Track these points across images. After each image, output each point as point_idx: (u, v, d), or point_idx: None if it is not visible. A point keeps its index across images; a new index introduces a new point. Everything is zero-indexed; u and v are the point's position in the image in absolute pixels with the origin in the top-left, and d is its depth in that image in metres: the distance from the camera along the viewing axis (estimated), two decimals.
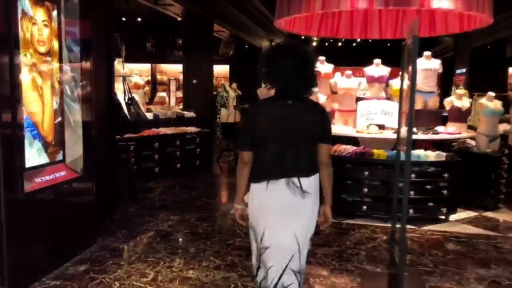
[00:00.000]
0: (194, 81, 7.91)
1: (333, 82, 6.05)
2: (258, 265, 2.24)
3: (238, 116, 8.53)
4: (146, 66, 13.68)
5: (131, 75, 7.35)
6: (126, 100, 4.97)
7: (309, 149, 2.18)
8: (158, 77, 13.65)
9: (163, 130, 6.74)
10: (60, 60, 3.45)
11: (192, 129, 7.22)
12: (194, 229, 4.33)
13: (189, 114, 7.48)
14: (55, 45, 3.37)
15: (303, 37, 8.67)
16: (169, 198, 5.51)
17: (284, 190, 2.14)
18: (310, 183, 2.17)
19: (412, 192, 4.52)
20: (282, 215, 2.15)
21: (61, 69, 3.45)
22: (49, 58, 3.30)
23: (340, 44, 16.88)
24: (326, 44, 16.63)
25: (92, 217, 3.90)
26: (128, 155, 6.03)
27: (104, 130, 4.59)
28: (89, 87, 3.82)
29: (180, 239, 4.04)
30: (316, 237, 4.13)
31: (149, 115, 6.75)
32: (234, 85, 8.52)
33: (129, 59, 12.62)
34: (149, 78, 13.43)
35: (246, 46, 12.36)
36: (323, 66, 6.15)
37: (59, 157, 3.47)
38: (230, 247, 3.83)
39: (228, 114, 8.26)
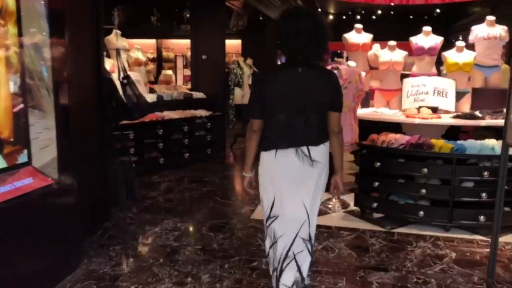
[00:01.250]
0: (204, 57, 6.88)
1: (373, 54, 5.01)
2: (266, 235, 2.26)
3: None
4: (151, 42, 12.61)
5: (130, 49, 6.35)
6: (121, 80, 4.02)
7: (319, 118, 2.15)
8: (164, 53, 12.57)
9: (168, 114, 5.78)
10: (19, 25, 2.48)
11: (202, 112, 6.24)
12: (207, 243, 3.40)
13: (198, 95, 6.50)
14: (9, 2, 2.40)
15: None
16: (176, 197, 4.59)
17: (293, 158, 2.12)
18: (319, 151, 2.15)
19: (484, 195, 3.52)
20: (291, 183, 2.14)
21: (20, 38, 2.49)
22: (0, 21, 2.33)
23: (374, 16, 15.63)
24: (362, 12, 15.39)
25: (74, 234, 2.99)
26: (126, 146, 5.09)
27: (91, 118, 3.65)
28: (65, 64, 2.86)
29: (190, 260, 3.11)
30: (365, 254, 3.21)
31: (152, 97, 5.78)
32: (250, 61, 7.48)
33: (132, 34, 11.66)
34: (155, 55, 12.39)
35: (261, 18, 11.21)
36: (360, 36, 5.10)
37: (22, 158, 2.53)
38: (255, 273, 2.90)
39: (243, 94, 7.26)
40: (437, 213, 3.64)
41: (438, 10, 15.05)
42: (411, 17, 16.22)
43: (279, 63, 11.40)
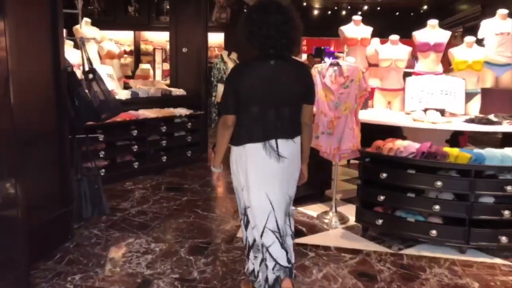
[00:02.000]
0: (185, 50, 6.29)
1: (373, 50, 4.52)
2: (244, 223, 2.33)
3: None
4: (129, 34, 11.91)
5: (101, 40, 5.71)
6: (85, 74, 3.42)
7: (291, 111, 2.18)
8: (143, 46, 11.88)
9: (144, 113, 5.17)
10: None
11: (181, 111, 5.65)
12: (186, 271, 2.85)
13: (178, 91, 5.90)
14: None
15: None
16: (151, 209, 4.01)
17: (260, 152, 2.14)
18: (288, 146, 2.18)
19: (506, 212, 3.08)
20: (257, 176, 2.17)
21: None
22: None
23: (360, 12, 15.21)
24: (348, 8, 15.00)
25: (18, 261, 2.41)
26: (95, 149, 4.49)
27: (48, 119, 3.06)
28: (5, 52, 2.27)
29: None
30: (373, 285, 2.72)
31: (126, 93, 5.17)
32: (234, 55, 6.91)
33: (108, 25, 10.95)
34: (132, 47, 11.70)
35: (245, 10, 10.65)
36: (358, 29, 4.60)
37: None
38: None
39: None
40: (452, 233, 3.17)
41: (425, 7, 14.79)
42: (397, 13, 15.94)
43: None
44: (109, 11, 11.38)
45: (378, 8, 16.01)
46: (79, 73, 3.60)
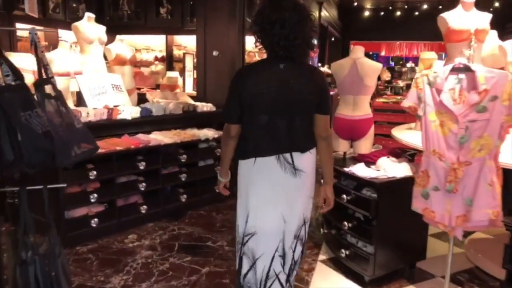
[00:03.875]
0: (215, 53, 4.94)
1: (494, 48, 2.93)
2: (240, 255, 2.02)
3: None
4: (161, 39, 10.78)
5: (92, 40, 4.41)
6: (37, 87, 2.12)
7: (304, 121, 1.95)
8: (175, 52, 10.72)
9: (156, 138, 3.84)
10: None
11: (208, 132, 4.28)
12: None
13: (205, 107, 4.54)
14: None
15: None
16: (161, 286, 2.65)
17: (274, 166, 1.92)
18: (304, 159, 1.95)
19: None
20: (271, 195, 1.94)
21: None
22: None
23: (417, 13, 13.47)
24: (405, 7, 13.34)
25: None
26: (80, 191, 3.19)
27: None
28: None
29: None
30: None
31: (134, 112, 3.85)
32: None
33: (138, 30, 9.85)
34: (164, 53, 10.56)
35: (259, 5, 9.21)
36: (470, 16, 3.05)
37: None
38: None
39: None
40: None
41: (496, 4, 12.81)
42: None
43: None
44: (139, 14, 10.33)
45: (440, 7, 14.13)
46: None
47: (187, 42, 10.60)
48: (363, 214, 2.71)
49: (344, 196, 2.79)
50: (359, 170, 2.79)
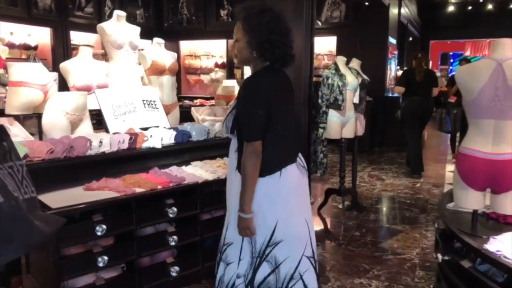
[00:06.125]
0: None
1: None
2: (258, 262, 1.94)
3: (362, 123, 4.36)
4: (221, 44, 9.98)
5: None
6: None
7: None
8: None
9: (194, 172, 2.86)
10: None
11: None
12: None
13: None
14: None
15: None
16: None
17: (295, 172, 1.97)
18: (302, 157, 2.07)
19: None
20: (296, 202, 1.98)
21: None
22: None
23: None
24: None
25: None
26: (84, 252, 2.27)
27: None
28: None
29: None
30: None
31: (167, 136, 2.92)
32: (356, 63, 4.34)
33: (198, 34, 9.12)
34: (225, 59, 9.74)
35: (366, 3, 7.96)
36: None
37: None
38: None
39: (343, 122, 4.14)
40: None
41: None
42: None
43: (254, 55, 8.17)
44: (199, 18, 9.61)
45: None
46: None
47: None
48: None
49: None
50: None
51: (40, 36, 6.40)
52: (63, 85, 3.55)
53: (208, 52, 9.97)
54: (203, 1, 9.59)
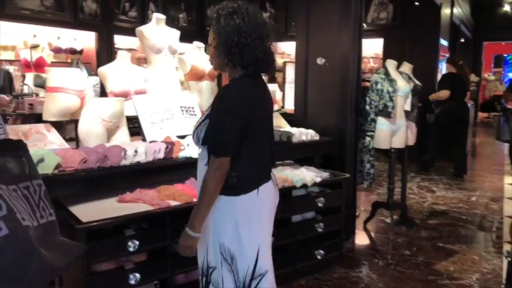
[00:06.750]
0: (320, 61, 3.67)
1: None
2: None
3: (414, 132, 4.05)
4: None
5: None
6: None
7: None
8: (278, 60, 9.67)
9: None
10: None
11: (308, 174, 3.00)
12: None
13: (304, 134, 3.29)
14: None
15: None
16: None
17: (272, 189, 1.82)
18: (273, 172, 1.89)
19: None
20: (270, 223, 1.85)
21: None
22: None
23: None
24: None
25: None
26: (116, 268, 2.16)
27: None
28: None
29: None
30: None
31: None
32: (407, 67, 4.02)
33: None
34: None
35: (417, 3, 7.53)
36: None
37: None
38: None
39: (393, 131, 3.84)
40: None
41: None
42: None
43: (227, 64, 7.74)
44: None
45: None
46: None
47: (291, 50, 9.45)
48: None
49: None
50: None
51: (85, 40, 6.49)
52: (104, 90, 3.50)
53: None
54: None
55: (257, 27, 1.66)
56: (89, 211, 2.22)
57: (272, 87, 6.45)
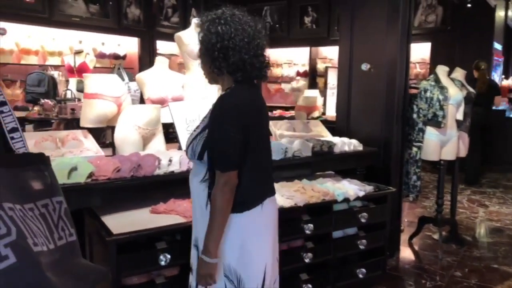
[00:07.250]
0: (365, 67, 3.48)
1: None
2: None
3: (466, 143, 3.76)
4: (304, 51, 9.65)
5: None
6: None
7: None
8: (319, 65, 9.47)
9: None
10: None
11: (350, 187, 2.83)
12: None
13: (347, 145, 3.11)
14: None
15: None
16: None
17: (275, 203, 1.77)
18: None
19: None
20: (276, 238, 1.77)
21: None
22: None
23: None
24: None
25: None
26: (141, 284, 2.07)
27: None
28: None
29: None
30: None
31: None
32: (460, 73, 3.74)
33: (281, 42, 8.87)
34: (307, 68, 9.41)
35: (469, 5, 7.12)
36: None
37: None
38: None
39: (443, 141, 3.58)
40: None
41: None
42: None
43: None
44: (282, 25, 9.40)
45: None
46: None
47: (333, 55, 9.22)
48: None
49: None
50: None
51: (128, 45, 6.60)
52: None
53: (291, 60, 9.71)
54: (287, 8, 9.35)
55: (242, 30, 1.57)
56: (121, 221, 2.16)
57: (313, 93, 6.30)
